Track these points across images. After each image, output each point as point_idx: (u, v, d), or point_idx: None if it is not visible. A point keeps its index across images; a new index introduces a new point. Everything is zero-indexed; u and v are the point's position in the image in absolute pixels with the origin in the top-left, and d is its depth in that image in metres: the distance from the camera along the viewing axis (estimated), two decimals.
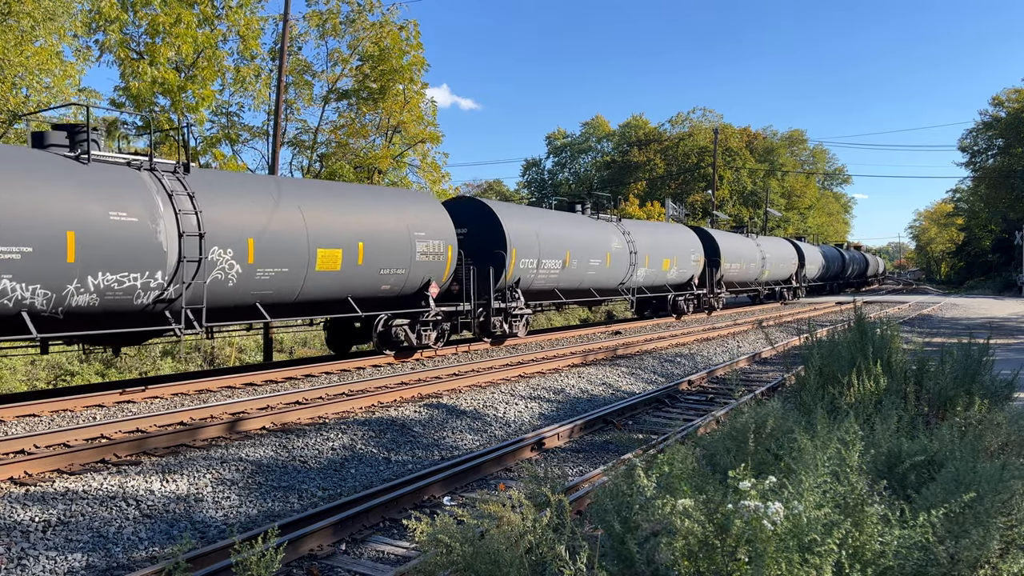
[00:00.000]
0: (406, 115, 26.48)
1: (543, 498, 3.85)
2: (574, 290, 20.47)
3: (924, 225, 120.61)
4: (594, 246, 20.52)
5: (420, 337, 14.96)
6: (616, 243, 21.64)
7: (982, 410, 5.92)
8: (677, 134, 69.40)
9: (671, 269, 25.07)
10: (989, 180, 58.20)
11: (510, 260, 16.91)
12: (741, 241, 32.85)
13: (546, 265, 18.36)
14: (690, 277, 26.76)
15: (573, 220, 20.96)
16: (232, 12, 22.09)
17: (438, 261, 15.01)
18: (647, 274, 23.60)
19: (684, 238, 26.89)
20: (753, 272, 33.11)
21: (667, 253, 24.84)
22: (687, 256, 26.19)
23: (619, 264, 21.73)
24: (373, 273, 13.62)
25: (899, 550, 3.01)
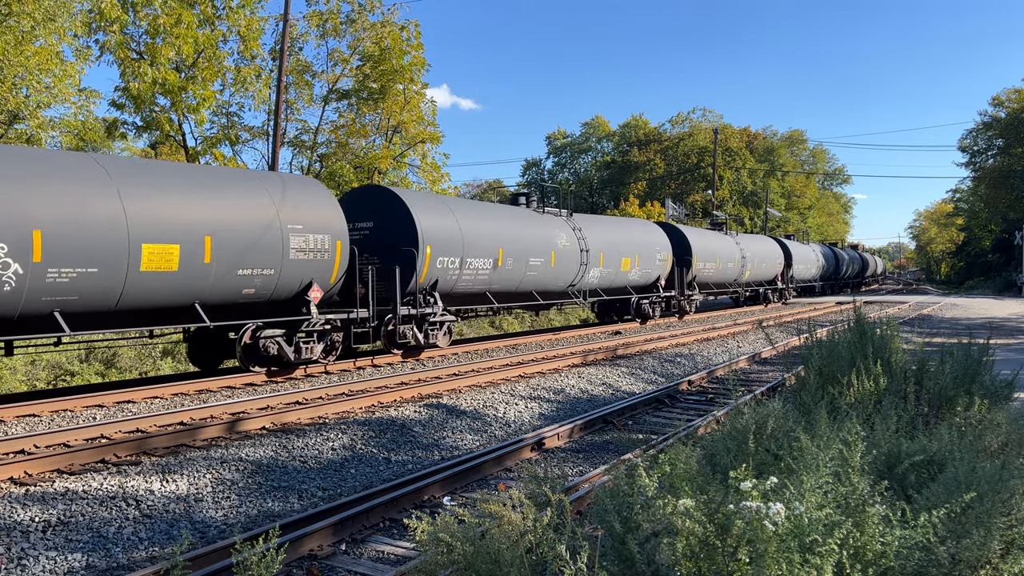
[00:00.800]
0: (406, 115, 26.49)
1: (543, 498, 3.85)
2: (511, 293, 18.27)
3: (924, 225, 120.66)
4: (535, 243, 18.40)
5: (300, 350, 12.78)
6: (564, 240, 19.51)
7: (982, 410, 5.92)
8: (677, 134, 69.40)
9: (632, 269, 22.84)
10: (989, 180, 58.21)
11: (423, 259, 14.84)
12: (718, 239, 30.64)
13: (472, 265, 16.23)
14: (656, 278, 24.65)
15: (509, 214, 18.65)
16: (233, 12, 22.09)
17: (322, 260, 12.80)
18: (603, 275, 21.41)
19: (648, 235, 24.53)
20: (731, 272, 30.80)
21: (627, 251, 22.58)
22: (651, 255, 24.01)
23: (567, 263, 19.59)
24: (228, 274, 11.37)
25: (900, 550, 3.01)
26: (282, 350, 12.52)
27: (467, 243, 16.04)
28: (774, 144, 73.56)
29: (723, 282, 30.71)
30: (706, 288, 29.50)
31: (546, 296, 19.75)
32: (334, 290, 13.40)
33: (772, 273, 36.36)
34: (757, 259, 33.77)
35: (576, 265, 19.97)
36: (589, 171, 75.98)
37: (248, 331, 12.12)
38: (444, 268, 15.50)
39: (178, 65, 21.29)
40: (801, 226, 71.91)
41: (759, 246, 35.14)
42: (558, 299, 20.47)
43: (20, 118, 18.07)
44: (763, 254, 34.84)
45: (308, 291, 12.67)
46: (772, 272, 36.30)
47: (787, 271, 38.47)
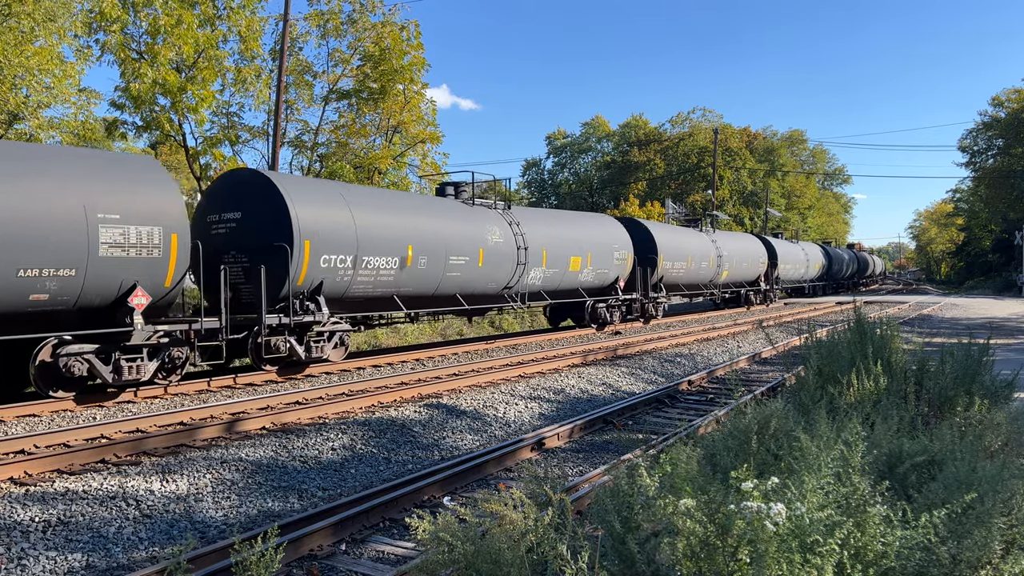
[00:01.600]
0: (406, 115, 26.49)
1: (544, 497, 3.84)
2: (427, 297, 15.61)
3: (924, 225, 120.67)
4: (458, 240, 15.88)
5: (120, 370, 10.20)
6: (496, 236, 17.00)
7: (982, 410, 5.92)
8: (677, 134, 69.42)
9: (584, 270, 20.24)
10: (989, 180, 58.22)
11: (300, 257, 12.33)
12: (690, 237, 27.91)
13: (371, 264, 13.74)
14: (614, 279, 21.92)
15: (424, 205, 16.04)
16: (233, 13, 22.09)
17: (149, 258, 10.29)
18: (547, 276, 18.83)
19: (604, 232, 21.72)
20: (706, 273, 28.22)
21: (577, 250, 19.86)
22: (607, 254, 21.15)
23: (500, 263, 16.99)
24: (6, 275, 9.04)
25: (901, 551, 3.01)
26: (94, 370, 10.03)
27: (364, 238, 13.56)
28: (774, 144, 73.58)
29: (696, 283, 28.24)
30: (676, 290, 27.10)
31: (474, 300, 17.00)
32: (172, 295, 10.88)
33: (754, 273, 33.77)
34: (736, 258, 31.17)
35: (512, 265, 17.43)
36: (589, 171, 76.00)
37: (46, 348, 9.84)
38: (332, 268, 13.00)
39: (178, 65, 21.29)
40: (801, 225, 71.94)
41: (738, 244, 32.51)
42: (491, 303, 17.91)
43: (20, 118, 18.07)
44: (743, 253, 32.22)
45: (129, 297, 10.17)
46: (754, 272, 33.70)
47: (771, 271, 35.85)
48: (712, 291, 30.39)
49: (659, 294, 24.64)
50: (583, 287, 20.81)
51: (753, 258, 33.47)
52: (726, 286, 31.75)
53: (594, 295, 21.50)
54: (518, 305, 18.30)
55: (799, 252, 41.63)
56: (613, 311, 22.23)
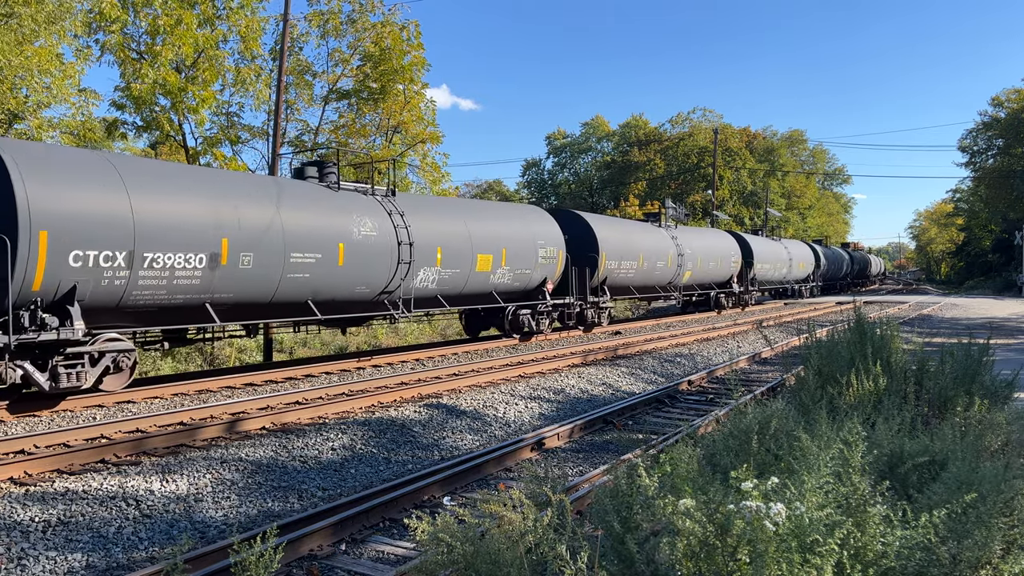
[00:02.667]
0: (406, 115, 26.50)
1: (544, 498, 3.84)
2: (260, 305, 12.38)
3: (924, 225, 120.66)
4: (306, 232, 12.57)
5: None
6: (367, 228, 13.72)
7: (982, 410, 5.92)
8: (677, 134, 69.43)
9: (497, 270, 17.13)
10: (989, 180, 58.23)
11: (32, 253, 9.25)
12: (643, 233, 24.50)
13: (159, 263, 10.58)
14: (540, 281, 18.62)
15: (255, 188, 12.42)
16: (233, 13, 22.09)
17: None
18: (444, 277, 15.70)
19: (523, 225, 18.36)
20: (664, 273, 25.14)
21: (486, 246, 16.68)
22: (528, 252, 18.15)
23: (371, 261, 13.80)
24: None
25: (901, 550, 3.01)
26: None
27: (146, 229, 10.36)
28: (774, 144, 73.59)
29: (651, 285, 24.98)
30: (624, 293, 23.93)
31: (335, 308, 13.78)
32: None
33: (724, 274, 30.62)
34: (702, 257, 28.12)
35: (391, 264, 14.16)
36: (589, 171, 76.00)
37: None
38: (92, 268, 9.83)
39: (178, 65, 21.30)
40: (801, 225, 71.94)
41: (705, 242, 29.11)
42: (365, 311, 14.57)
43: (20, 118, 18.07)
44: (711, 251, 28.99)
45: None
46: (724, 273, 30.55)
47: (746, 271, 32.57)
48: (672, 294, 26.58)
49: (602, 298, 21.38)
50: (498, 291, 17.44)
51: (722, 257, 30.13)
52: (690, 288, 28.49)
53: (515, 300, 18.20)
54: (400, 314, 14.62)
55: (780, 250, 38.34)
56: (541, 318, 18.84)
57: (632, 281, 23.48)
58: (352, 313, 14.40)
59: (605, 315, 21.99)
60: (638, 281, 23.87)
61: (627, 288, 23.66)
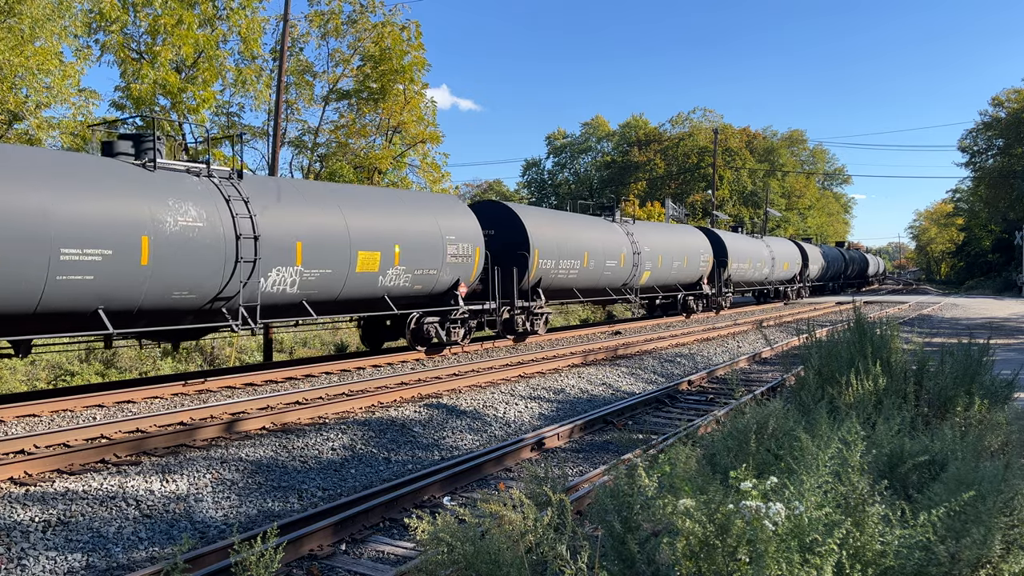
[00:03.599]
0: (406, 115, 26.51)
1: (544, 497, 3.85)
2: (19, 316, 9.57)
3: (924, 225, 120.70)
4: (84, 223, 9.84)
5: None
6: (190, 218, 10.99)
7: (982, 410, 5.93)
8: (677, 134, 69.47)
9: (388, 270, 14.24)
10: (989, 180, 58.26)
11: None
12: (588, 228, 21.14)
13: None
14: (451, 283, 15.83)
15: None
16: (233, 13, 22.10)
17: None
18: (309, 279, 12.75)
19: (428, 218, 15.44)
20: (616, 274, 22.02)
21: (372, 242, 13.87)
22: (435, 248, 15.23)
23: (193, 260, 11.03)
24: None
25: (900, 550, 3.01)
26: None
27: None
28: (774, 144, 73.63)
29: (599, 287, 21.82)
30: (566, 296, 20.91)
31: (139, 319, 11.04)
32: None
33: (693, 274, 27.58)
34: (664, 256, 25.11)
35: (225, 262, 11.41)
36: (589, 171, 76.05)
37: None
38: None
39: (178, 65, 21.30)
40: (801, 225, 71.94)
41: (667, 239, 26.04)
42: (190, 322, 11.71)
43: (20, 118, 18.08)
44: (674, 249, 25.97)
45: None
46: (693, 273, 27.50)
47: (719, 271, 29.76)
48: (628, 296, 23.51)
49: (535, 302, 18.48)
50: (393, 295, 14.60)
51: (690, 255, 27.00)
52: (650, 291, 25.44)
53: (419, 306, 15.41)
54: (239, 325, 11.76)
55: (760, 249, 35.07)
56: (454, 327, 16.11)
57: (576, 283, 20.36)
58: (171, 325, 11.38)
59: (541, 322, 19.10)
60: (583, 283, 20.73)
61: (568, 291, 20.55)
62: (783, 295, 39.70)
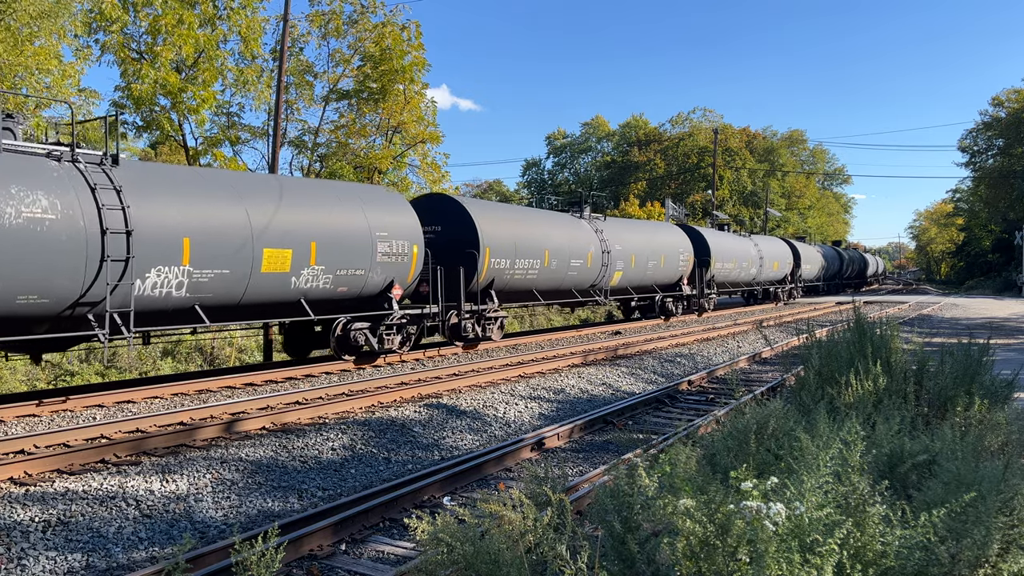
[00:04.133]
0: (406, 115, 26.49)
1: (544, 497, 3.85)
2: None
3: (924, 225, 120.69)
4: None
5: None
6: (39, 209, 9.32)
7: (982, 410, 5.92)
8: (677, 134, 69.49)
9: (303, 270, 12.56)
10: (989, 180, 58.26)
11: None
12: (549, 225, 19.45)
13: None
14: (384, 286, 14.16)
15: None
16: (234, 13, 22.10)
17: None
18: (201, 281, 11.10)
19: (348, 210, 13.69)
20: (583, 274, 20.49)
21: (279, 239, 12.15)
22: (362, 246, 13.57)
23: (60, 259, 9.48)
24: None
25: (900, 550, 3.01)
26: None
27: None
28: (774, 144, 73.64)
29: (563, 288, 20.20)
30: (525, 298, 19.12)
31: None
32: None
33: (672, 275, 25.92)
34: (639, 255, 23.46)
35: (86, 261, 9.76)
36: (589, 171, 76.05)
37: None
38: None
39: (178, 65, 21.30)
40: (802, 225, 71.93)
41: (643, 237, 24.44)
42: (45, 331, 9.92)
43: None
44: (650, 248, 24.34)
45: None
46: (672, 274, 25.86)
47: (701, 272, 28.01)
48: (596, 299, 21.82)
49: (488, 305, 16.85)
50: (310, 298, 12.90)
51: (668, 254, 25.31)
52: (623, 292, 23.68)
53: (346, 311, 13.76)
54: (107, 335, 10.01)
55: (748, 248, 33.38)
56: (388, 334, 14.39)
57: (535, 284, 18.65)
58: (16, 335, 9.55)
59: (495, 327, 17.43)
60: (544, 284, 19.01)
61: (527, 293, 18.83)
62: (773, 296, 38.00)
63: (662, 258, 25.02)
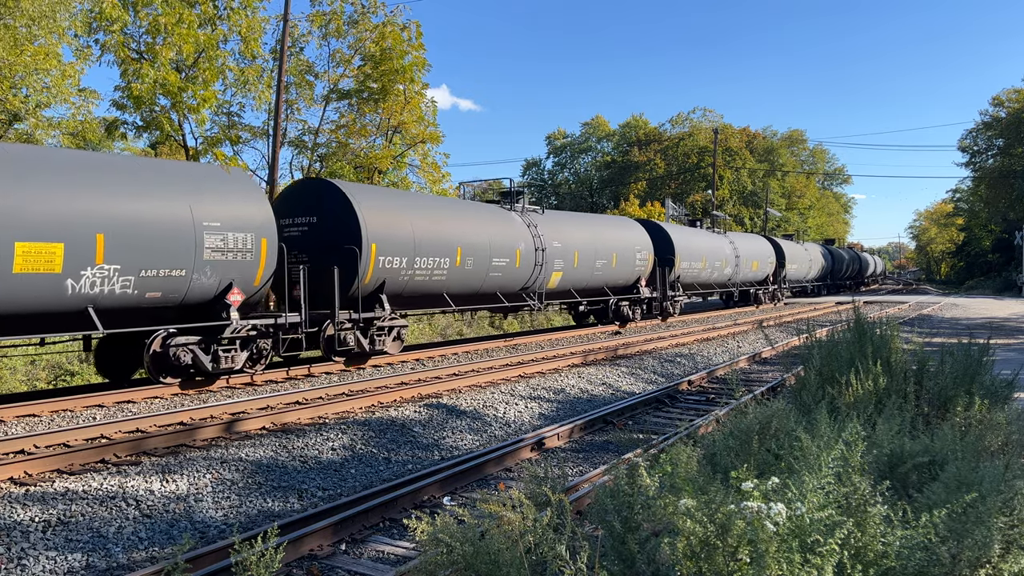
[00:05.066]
0: (407, 115, 26.49)
1: (544, 498, 3.84)
2: None
3: (924, 225, 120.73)
4: None
5: None
6: None
7: (982, 410, 5.92)
8: (677, 134, 69.49)
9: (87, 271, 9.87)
10: (989, 180, 58.26)
11: None
12: (466, 218, 17.03)
13: None
14: (220, 288, 11.55)
15: None
16: (234, 13, 22.09)
17: None
18: None
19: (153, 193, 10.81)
20: (513, 275, 18.03)
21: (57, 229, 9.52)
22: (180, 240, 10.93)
23: None
24: None
25: (901, 550, 3.00)
26: None
27: None
28: (774, 144, 73.66)
29: (483, 292, 17.62)
30: (432, 304, 16.55)
31: None
32: None
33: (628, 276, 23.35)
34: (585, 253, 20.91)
35: None
36: (589, 171, 76.06)
37: None
38: None
39: (178, 65, 21.30)
40: (801, 226, 71.94)
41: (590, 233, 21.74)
42: None
43: (20, 118, 18.07)
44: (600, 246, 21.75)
45: None
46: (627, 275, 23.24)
47: (663, 272, 25.33)
48: (529, 303, 19.26)
49: (378, 313, 14.28)
50: (104, 306, 10.26)
51: (621, 253, 22.59)
52: (564, 295, 21.11)
53: (166, 321, 11.31)
54: None
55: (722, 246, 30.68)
56: (229, 352, 11.85)
57: (445, 286, 16.03)
58: None
59: (389, 338, 14.79)
60: (456, 286, 16.37)
61: (435, 296, 16.12)
62: (754, 298, 35.42)
63: (614, 257, 22.22)
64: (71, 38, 19.64)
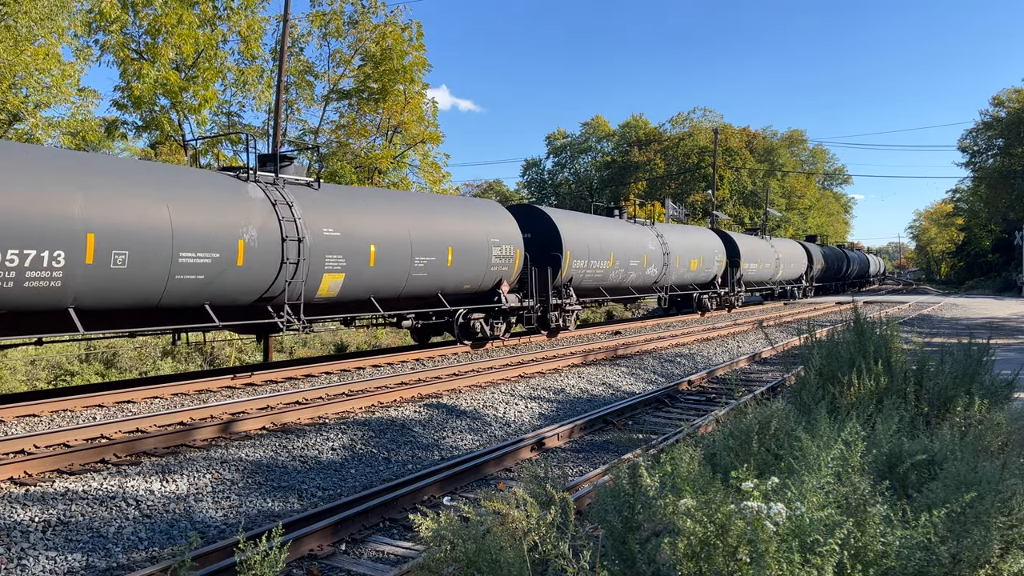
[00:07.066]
0: (407, 115, 26.51)
1: (546, 497, 3.85)
2: None
3: (924, 225, 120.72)
4: None
5: None
6: None
7: (982, 410, 5.92)
8: (677, 134, 69.50)
9: None
10: (989, 180, 58.27)
11: None
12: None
13: None
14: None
15: None
16: (234, 13, 22.10)
17: None
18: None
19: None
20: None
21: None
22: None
23: None
24: None
25: (901, 550, 3.01)
26: None
27: None
28: (774, 144, 73.66)
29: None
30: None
31: None
32: None
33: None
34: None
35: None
36: (589, 171, 76.06)
37: None
38: None
39: (178, 65, 21.30)
40: (802, 226, 71.94)
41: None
42: None
43: (20, 118, 18.07)
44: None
45: None
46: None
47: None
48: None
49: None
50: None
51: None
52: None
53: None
54: None
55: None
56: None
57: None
58: None
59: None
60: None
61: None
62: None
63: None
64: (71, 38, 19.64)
